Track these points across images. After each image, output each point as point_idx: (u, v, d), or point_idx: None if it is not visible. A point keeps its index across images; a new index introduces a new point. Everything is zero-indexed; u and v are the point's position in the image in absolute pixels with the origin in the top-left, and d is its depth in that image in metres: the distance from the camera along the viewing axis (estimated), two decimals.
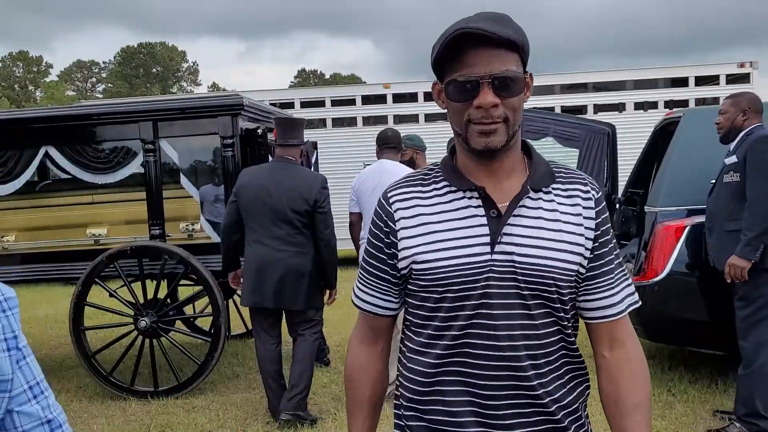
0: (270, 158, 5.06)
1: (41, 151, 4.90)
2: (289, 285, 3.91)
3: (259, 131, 5.01)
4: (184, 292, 5.93)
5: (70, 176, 5.05)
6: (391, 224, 1.30)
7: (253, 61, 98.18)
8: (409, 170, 4.06)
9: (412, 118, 11.12)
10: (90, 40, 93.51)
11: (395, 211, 1.30)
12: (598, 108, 10.74)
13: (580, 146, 5.10)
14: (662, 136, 4.97)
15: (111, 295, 4.75)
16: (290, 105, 11.05)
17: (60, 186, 5.32)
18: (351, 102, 11.43)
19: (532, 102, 8.22)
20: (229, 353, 5.71)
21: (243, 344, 6.10)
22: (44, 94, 49.19)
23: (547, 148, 7.64)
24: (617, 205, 5.20)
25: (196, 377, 4.62)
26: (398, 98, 11.32)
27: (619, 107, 10.77)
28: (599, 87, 11.05)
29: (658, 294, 4.09)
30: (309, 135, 6.14)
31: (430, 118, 11.00)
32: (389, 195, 1.32)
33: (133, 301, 4.69)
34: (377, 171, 4.29)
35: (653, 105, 10.75)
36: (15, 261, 5.02)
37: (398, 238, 1.29)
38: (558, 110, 10.05)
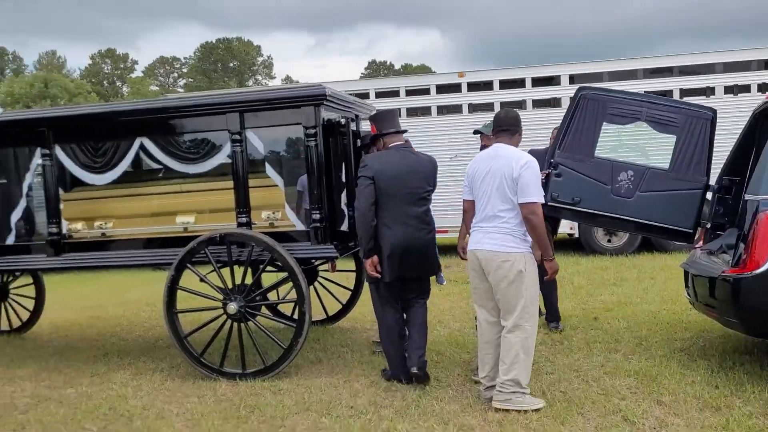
0: (345, 149, 5.13)
1: (137, 143, 5.15)
2: (428, 257, 4.43)
3: (342, 121, 5.07)
4: (266, 278, 6.09)
5: (162, 166, 5.30)
6: None
7: (323, 54, 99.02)
8: (527, 156, 3.92)
9: (488, 107, 10.99)
10: (171, 37, 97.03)
11: None
12: (685, 93, 10.27)
13: (678, 132, 4.84)
14: (762, 120, 4.70)
15: (201, 280, 4.95)
16: (365, 95, 11.13)
17: (153, 175, 5.57)
18: (425, 91, 11.42)
19: (615, 87, 7.94)
20: (311, 339, 5.83)
21: (324, 330, 6.23)
22: (130, 89, 51.59)
23: (638, 134, 7.38)
24: (712, 194, 4.94)
25: (281, 361, 4.74)
26: (473, 87, 11.23)
27: (707, 92, 10.27)
28: (685, 71, 10.56)
29: (760, 287, 3.87)
30: None
31: (505, 106, 10.83)
32: None
33: (222, 287, 4.87)
34: (489, 156, 4.01)
35: (745, 89, 10.18)
36: (113, 247, 5.31)
37: None
38: None
